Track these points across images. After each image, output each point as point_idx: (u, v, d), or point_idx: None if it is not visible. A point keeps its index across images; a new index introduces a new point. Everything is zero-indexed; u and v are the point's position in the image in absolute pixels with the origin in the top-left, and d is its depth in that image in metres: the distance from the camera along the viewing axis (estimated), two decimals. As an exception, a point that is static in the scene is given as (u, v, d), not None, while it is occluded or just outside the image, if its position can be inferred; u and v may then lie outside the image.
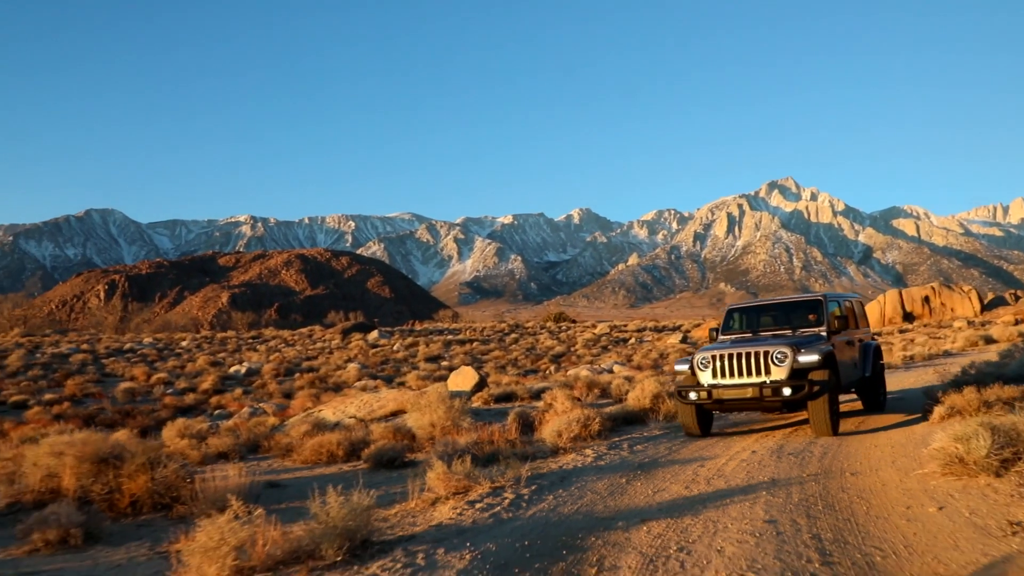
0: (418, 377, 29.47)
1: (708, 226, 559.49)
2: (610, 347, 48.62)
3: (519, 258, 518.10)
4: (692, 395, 8.95)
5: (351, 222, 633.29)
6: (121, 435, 11.48)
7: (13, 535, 5.64)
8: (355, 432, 11.15)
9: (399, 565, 4.21)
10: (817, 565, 3.87)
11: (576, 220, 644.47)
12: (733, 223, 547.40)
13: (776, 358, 8.54)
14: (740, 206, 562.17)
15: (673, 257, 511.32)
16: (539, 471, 7.21)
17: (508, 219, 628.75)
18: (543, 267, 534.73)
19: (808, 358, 8.52)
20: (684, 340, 48.06)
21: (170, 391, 29.59)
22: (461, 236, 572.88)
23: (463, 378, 17.35)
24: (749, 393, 8.51)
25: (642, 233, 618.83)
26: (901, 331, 50.49)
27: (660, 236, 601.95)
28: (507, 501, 5.76)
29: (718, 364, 8.91)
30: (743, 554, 4.11)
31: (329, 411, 15.72)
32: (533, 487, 6.30)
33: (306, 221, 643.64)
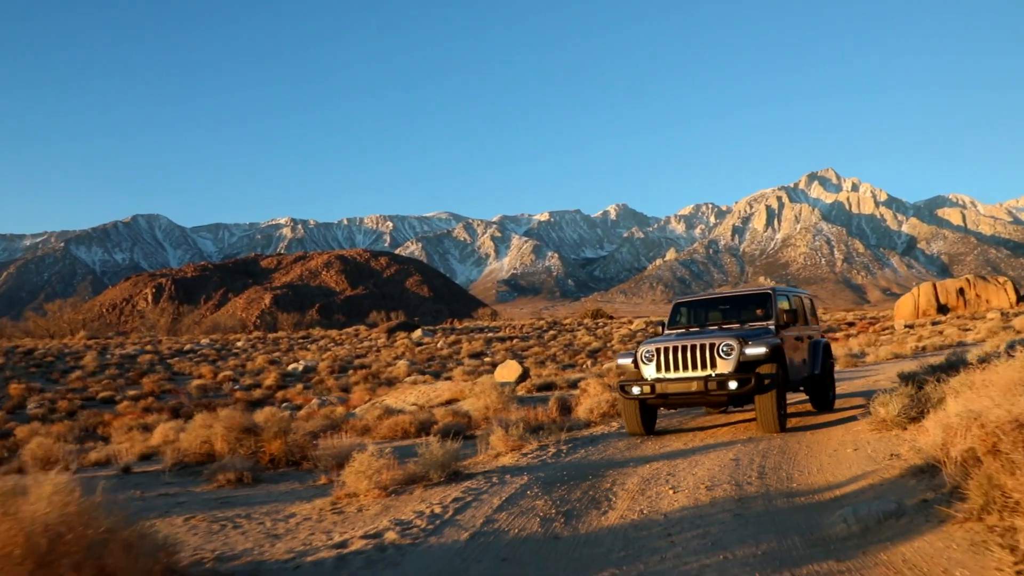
0: (463, 372, 31.67)
1: (746, 219, 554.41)
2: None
3: (556, 255, 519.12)
4: (635, 390, 8.71)
5: (389, 222, 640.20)
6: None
7: (198, 480, 7.95)
8: (421, 414, 13.40)
9: (481, 482, 6.38)
10: (754, 479, 5.93)
11: (612, 216, 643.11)
12: (772, 216, 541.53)
13: (722, 351, 8.38)
14: (779, 198, 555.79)
15: (711, 251, 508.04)
16: (574, 436, 9.36)
17: (544, 216, 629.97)
18: (580, 264, 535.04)
19: (755, 351, 8.33)
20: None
21: (238, 387, 32.34)
22: (498, 234, 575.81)
23: (508, 370, 19.56)
24: (694, 387, 8.33)
25: (679, 228, 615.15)
26: (933, 323, 51.32)
27: (698, 230, 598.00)
28: (550, 453, 7.91)
29: (662, 357, 8.70)
30: (708, 475, 6.19)
31: (392, 400, 18.05)
32: (569, 445, 8.47)
33: (345, 222, 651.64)
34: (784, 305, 10.04)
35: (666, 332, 10.11)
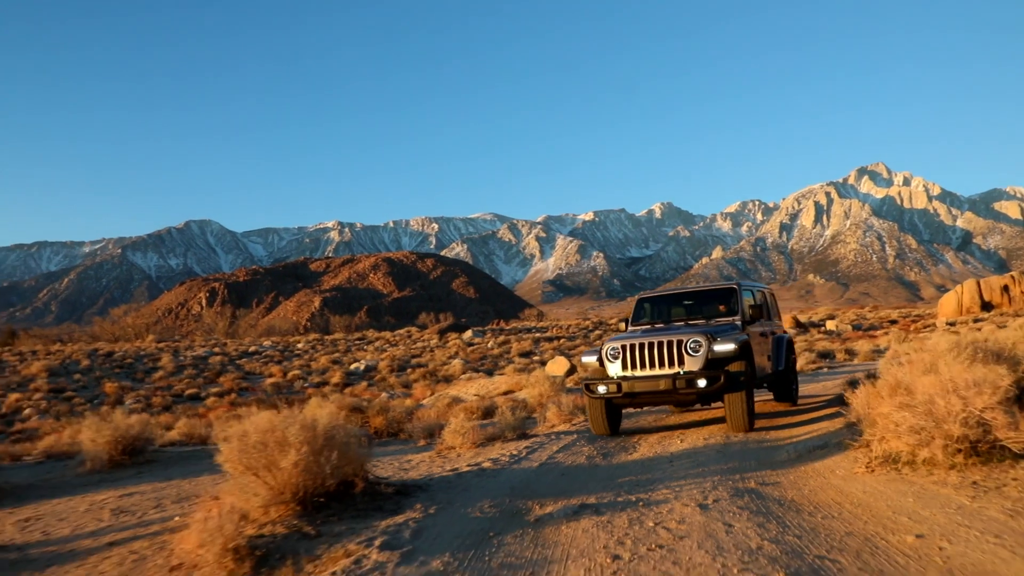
0: (514, 369, 34.06)
1: (794, 216, 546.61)
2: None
3: (601, 255, 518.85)
4: (601, 388, 8.52)
5: (434, 224, 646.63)
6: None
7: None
8: (483, 402, 15.80)
9: (543, 438, 8.76)
10: (740, 435, 8.18)
11: (658, 214, 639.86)
12: (821, 212, 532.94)
13: (690, 347, 8.25)
14: (828, 194, 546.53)
15: (758, 249, 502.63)
16: (614, 414, 11.66)
17: (589, 216, 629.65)
18: (625, 263, 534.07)
19: (724, 347, 8.21)
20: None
21: (307, 384, 35.25)
22: (543, 234, 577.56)
23: (557, 365, 21.92)
24: (662, 385, 8.15)
25: (726, 225, 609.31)
26: (975, 320, 51.99)
27: (744, 228, 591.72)
28: (594, 424, 10.26)
29: (628, 355, 8.53)
30: (709, 431, 8.45)
31: (455, 391, 20.56)
32: (609, 419, 10.78)
33: (391, 225, 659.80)
34: (749, 300, 10.03)
35: (630, 328, 10.04)
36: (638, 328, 9.80)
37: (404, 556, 4.11)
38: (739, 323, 9.28)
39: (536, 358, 41.73)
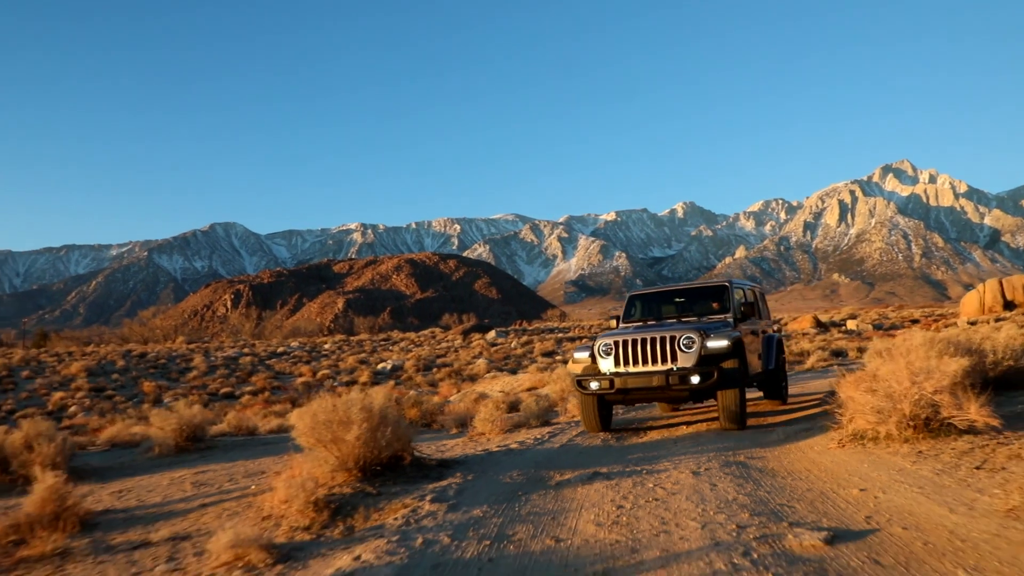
0: (537, 368, 35.04)
1: (818, 215, 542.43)
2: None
3: (623, 255, 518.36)
4: (593, 385, 8.50)
5: (456, 225, 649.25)
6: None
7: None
8: (509, 397, 16.81)
9: (564, 425, 9.78)
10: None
11: (680, 214, 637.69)
12: (845, 210, 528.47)
13: (683, 344, 8.25)
14: (852, 192, 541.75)
15: (782, 248, 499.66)
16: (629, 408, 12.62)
17: (611, 216, 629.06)
18: (648, 263, 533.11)
19: (717, 344, 8.22)
20: (778, 332, 51.86)
21: (337, 383, 36.46)
22: (565, 235, 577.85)
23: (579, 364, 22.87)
24: (655, 381, 8.09)
25: (749, 225, 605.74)
26: (997, 320, 52.11)
27: (768, 227, 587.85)
28: (610, 414, 11.23)
29: (621, 351, 8.52)
30: (698, 426, 9.41)
31: (481, 388, 21.59)
32: (623, 411, 11.73)
33: (413, 226, 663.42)
34: (740, 298, 10.08)
35: (621, 325, 10.06)
36: (630, 325, 9.80)
37: (450, 507, 5.12)
38: (731, 320, 9.28)
39: (558, 357, 42.62)
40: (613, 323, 10.42)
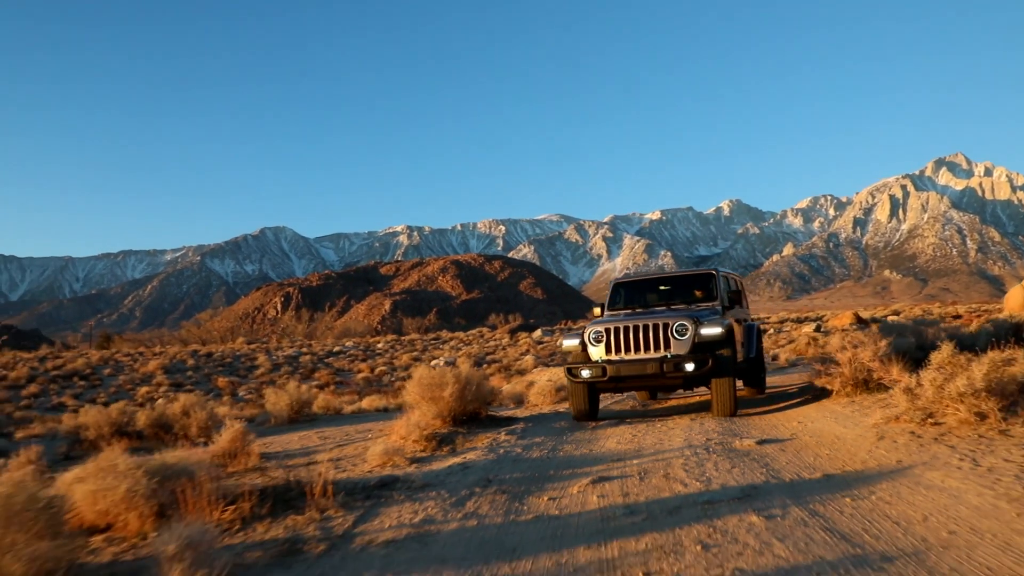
0: (581, 363, 37.26)
1: (869, 210, 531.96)
2: (748, 337, 54.83)
3: (669, 254, 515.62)
4: (585, 372, 8.41)
5: (501, 226, 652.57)
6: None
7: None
8: (556, 383, 19.11)
9: (602, 399, 12.06)
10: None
11: (726, 212, 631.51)
12: (897, 206, 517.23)
13: (676, 331, 8.19)
14: (904, 187, 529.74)
15: (831, 245, 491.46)
16: (659, 387, 14.84)
17: (656, 215, 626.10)
18: (694, 262, 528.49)
19: (711, 331, 8.20)
20: (818, 329, 53.04)
21: (395, 379, 39.13)
22: (610, 234, 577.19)
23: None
24: (649, 369, 8.05)
25: (797, 222, 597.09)
26: (1039, 314, 52.41)
27: (816, 224, 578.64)
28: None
29: (612, 338, 8.45)
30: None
31: (529, 379, 23.94)
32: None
33: (458, 228, 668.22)
34: (726, 286, 10.05)
35: (606, 314, 9.96)
36: (617, 313, 9.71)
37: (519, 437, 7.50)
38: (720, 308, 9.31)
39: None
40: (597, 311, 10.34)
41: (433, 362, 47.85)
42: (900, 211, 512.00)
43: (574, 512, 4.39)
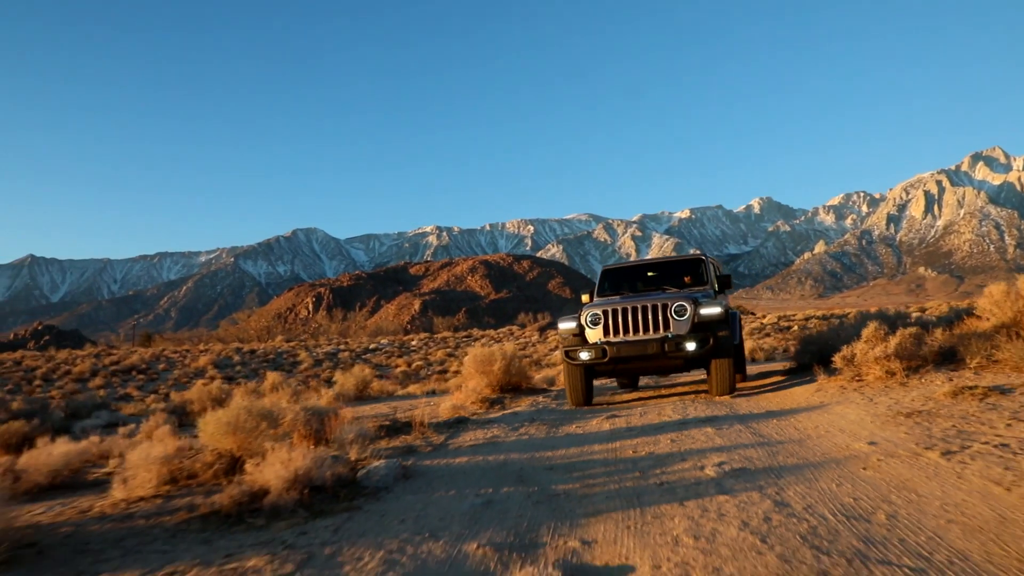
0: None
1: (902, 207, 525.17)
2: (772, 333, 56.16)
3: (698, 252, 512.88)
4: (583, 355, 8.39)
5: (530, 226, 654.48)
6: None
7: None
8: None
9: (621, 378, 14.22)
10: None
11: (756, 210, 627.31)
12: (932, 201, 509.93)
13: (675, 311, 8.18)
14: (939, 182, 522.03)
15: (864, 242, 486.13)
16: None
17: (685, 213, 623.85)
18: (723, 260, 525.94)
19: (710, 311, 8.25)
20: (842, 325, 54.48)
21: (431, 372, 41.46)
22: (638, 233, 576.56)
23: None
24: (651, 349, 8.05)
25: (828, 219, 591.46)
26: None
27: (849, 221, 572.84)
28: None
29: (611, 320, 8.38)
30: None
31: (560, 368, 26.16)
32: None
33: (487, 228, 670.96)
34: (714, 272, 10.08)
35: (596, 299, 9.82)
36: (611, 297, 9.60)
37: (553, 399, 9.76)
38: (712, 292, 9.41)
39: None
40: (586, 297, 10.28)
41: (466, 358, 50.08)
42: (935, 207, 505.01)
43: (592, 432, 6.56)
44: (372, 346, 63.54)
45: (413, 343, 67.55)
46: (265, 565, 3.35)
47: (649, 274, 10.50)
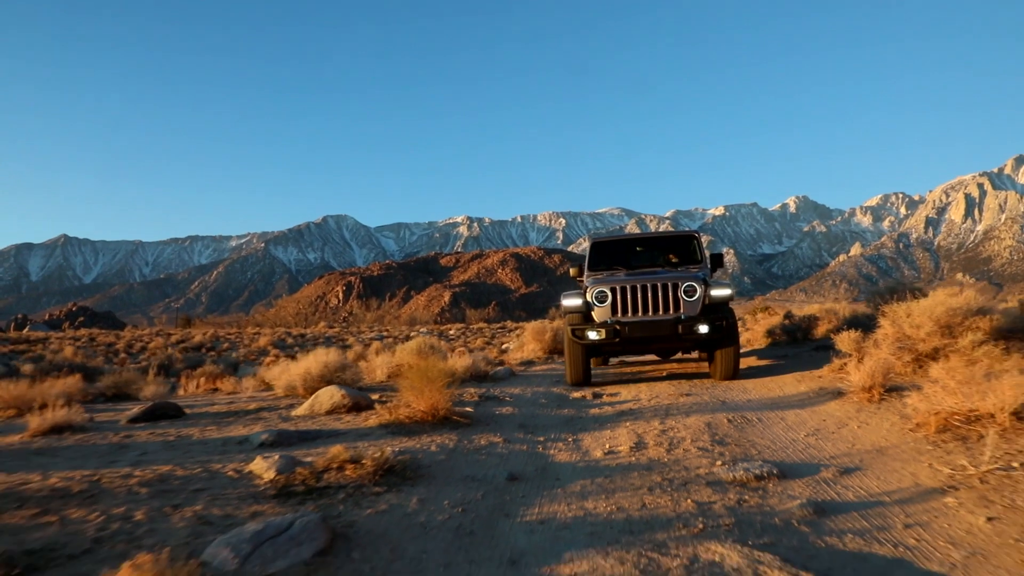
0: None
1: (942, 210, 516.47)
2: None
3: (731, 251, 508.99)
4: (591, 334, 8.02)
5: (561, 219, 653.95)
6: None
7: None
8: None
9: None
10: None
11: (792, 209, 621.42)
12: (972, 205, 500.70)
13: (685, 291, 7.98)
14: (980, 185, 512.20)
15: (901, 246, 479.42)
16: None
17: (719, 210, 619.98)
18: (757, 260, 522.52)
19: (720, 292, 8.09)
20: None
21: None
22: (671, 229, 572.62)
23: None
24: (664, 331, 7.85)
25: (865, 220, 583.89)
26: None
27: (886, 223, 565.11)
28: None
29: (619, 298, 8.08)
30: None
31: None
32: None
33: (519, 220, 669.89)
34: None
35: (588, 274, 9.52)
36: (598, 274, 9.29)
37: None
38: (707, 270, 9.17)
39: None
40: (574, 271, 10.32)
41: (504, 345, 53.57)
42: (976, 211, 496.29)
43: (612, 372, 9.86)
44: (412, 333, 66.80)
45: (451, 332, 70.83)
46: (492, 388, 8.02)
47: (638, 248, 10.17)
